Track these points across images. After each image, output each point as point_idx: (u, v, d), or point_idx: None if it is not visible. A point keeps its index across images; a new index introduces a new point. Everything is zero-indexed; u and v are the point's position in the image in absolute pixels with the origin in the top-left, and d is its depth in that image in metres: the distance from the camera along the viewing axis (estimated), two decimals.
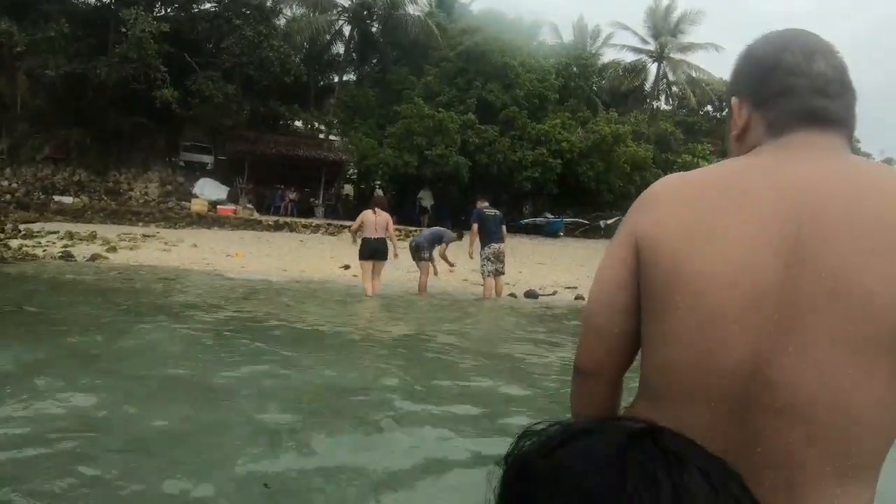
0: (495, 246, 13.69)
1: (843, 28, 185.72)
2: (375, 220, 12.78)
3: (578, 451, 0.79)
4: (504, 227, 14.24)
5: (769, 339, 1.15)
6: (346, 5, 37.33)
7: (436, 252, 14.60)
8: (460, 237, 16.07)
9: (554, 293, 16.16)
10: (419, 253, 14.32)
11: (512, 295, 14.86)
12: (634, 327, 1.36)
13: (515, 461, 0.85)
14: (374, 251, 12.75)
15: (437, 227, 15.69)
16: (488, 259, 13.71)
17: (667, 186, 1.38)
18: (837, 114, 1.31)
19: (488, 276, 13.74)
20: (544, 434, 0.85)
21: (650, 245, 1.31)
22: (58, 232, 20.52)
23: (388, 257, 12.95)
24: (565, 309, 13.27)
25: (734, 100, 1.42)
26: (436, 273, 15.13)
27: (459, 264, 15.62)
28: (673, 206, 1.31)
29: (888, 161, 64.23)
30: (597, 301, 1.42)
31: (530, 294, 15.65)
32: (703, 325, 1.19)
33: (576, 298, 15.70)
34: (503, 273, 14.02)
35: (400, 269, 17.32)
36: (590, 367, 1.43)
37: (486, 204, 14.17)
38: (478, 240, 13.90)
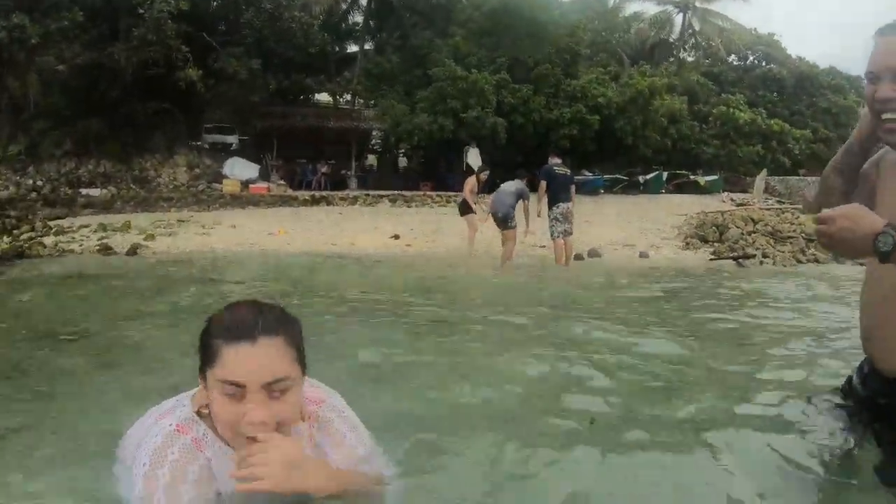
0: (564, 206, 12.92)
1: None
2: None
3: None
4: (573, 188, 13.40)
5: None
6: None
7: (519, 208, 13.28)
8: None
9: (615, 251, 15.84)
10: (507, 223, 13.10)
11: (578, 257, 14.24)
12: None
13: None
14: (458, 208, 15.14)
15: (513, 183, 13.61)
16: (556, 219, 12.95)
17: None
18: None
19: (558, 237, 13.00)
20: None
21: None
22: (90, 225, 19.94)
23: (473, 212, 14.64)
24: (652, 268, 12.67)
25: None
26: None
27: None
28: None
29: None
30: None
31: (593, 253, 15.19)
32: None
33: (640, 256, 15.26)
34: (571, 233, 13.26)
35: (451, 236, 16.91)
36: None
37: (558, 161, 13.42)
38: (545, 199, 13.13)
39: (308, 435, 1.91)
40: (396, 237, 17.16)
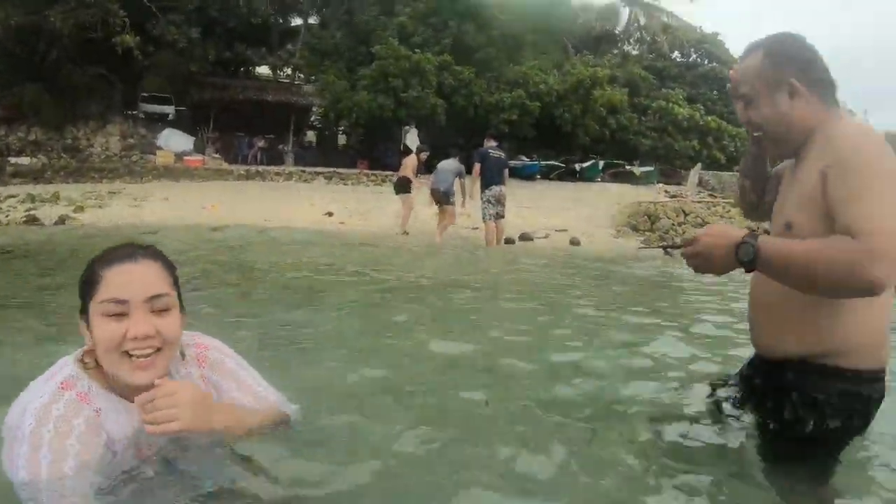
0: (496, 189, 13.08)
1: None
2: (403, 163, 15.36)
3: None
4: (507, 171, 13.57)
5: None
6: None
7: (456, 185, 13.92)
8: None
9: (546, 236, 15.93)
10: (449, 198, 13.85)
11: (509, 240, 14.38)
12: None
13: None
14: (395, 186, 15.55)
15: (452, 161, 14.32)
16: (489, 202, 13.10)
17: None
18: None
19: (489, 219, 13.15)
20: None
21: None
22: (17, 195, 19.36)
23: (411, 191, 14.95)
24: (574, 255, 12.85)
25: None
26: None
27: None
28: None
29: (848, 113, 65.16)
30: None
31: (525, 237, 15.33)
32: None
33: (572, 242, 15.44)
34: (503, 217, 13.43)
35: (386, 215, 16.95)
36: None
37: (494, 144, 13.54)
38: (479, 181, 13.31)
39: (200, 376, 1.97)
40: (330, 214, 17.10)
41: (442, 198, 13.82)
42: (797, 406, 2.17)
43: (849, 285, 1.89)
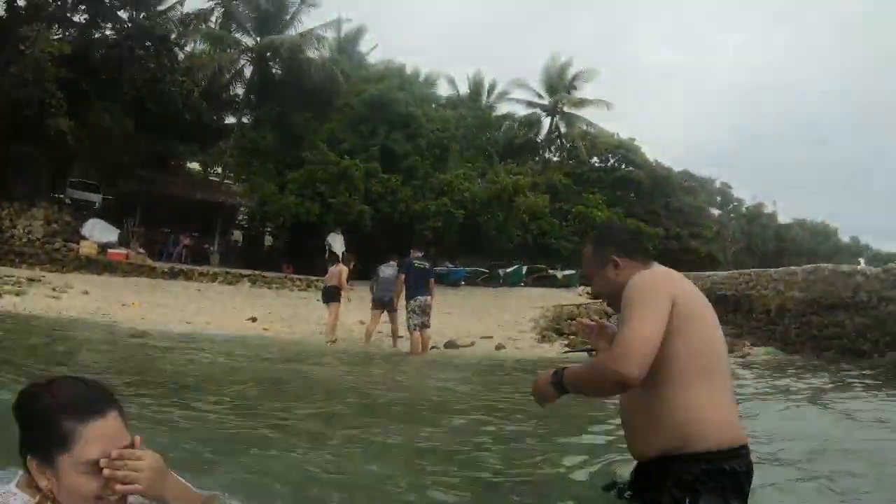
0: (421, 299, 13.40)
1: (722, 80, 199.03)
2: (330, 271, 15.56)
3: None
4: (433, 281, 13.94)
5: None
6: (251, 45, 36.31)
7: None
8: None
9: (472, 343, 16.01)
10: (393, 304, 14.29)
11: (435, 348, 14.54)
12: None
13: None
14: (322, 294, 15.70)
15: (390, 267, 14.56)
16: (414, 312, 13.39)
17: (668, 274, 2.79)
18: None
19: (414, 329, 13.38)
20: None
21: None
22: None
23: (340, 300, 14.97)
24: (500, 361, 13.07)
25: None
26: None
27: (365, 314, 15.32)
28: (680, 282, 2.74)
29: (759, 206, 68.31)
30: (654, 332, 2.48)
31: (450, 345, 15.44)
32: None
33: (497, 348, 15.63)
34: (428, 326, 13.68)
35: (310, 322, 16.91)
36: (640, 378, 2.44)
37: (419, 255, 13.96)
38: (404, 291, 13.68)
39: None
40: (254, 319, 16.90)
41: (387, 306, 14.30)
42: (673, 489, 2.55)
43: (607, 382, 2.51)
